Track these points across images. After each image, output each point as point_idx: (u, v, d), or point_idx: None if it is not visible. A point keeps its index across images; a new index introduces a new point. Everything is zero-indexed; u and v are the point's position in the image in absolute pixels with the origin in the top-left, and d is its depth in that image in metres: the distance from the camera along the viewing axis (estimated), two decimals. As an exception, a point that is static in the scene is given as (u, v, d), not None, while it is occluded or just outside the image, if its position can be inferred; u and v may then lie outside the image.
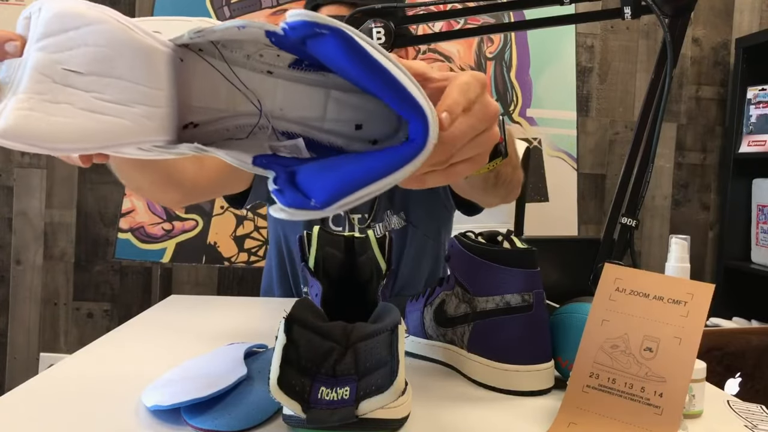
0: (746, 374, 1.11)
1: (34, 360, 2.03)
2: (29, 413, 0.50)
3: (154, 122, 0.39)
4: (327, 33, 0.35)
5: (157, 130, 0.39)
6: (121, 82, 0.38)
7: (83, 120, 0.36)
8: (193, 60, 0.43)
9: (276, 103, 0.45)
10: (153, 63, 0.39)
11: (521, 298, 0.60)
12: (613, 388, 0.52)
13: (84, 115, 0.36)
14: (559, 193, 2.14)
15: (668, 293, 0.53)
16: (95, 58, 0.37)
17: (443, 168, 0.43)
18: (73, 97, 0.36)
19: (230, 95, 0.45)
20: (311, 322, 0.46)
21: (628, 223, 0.69)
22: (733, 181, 2.14)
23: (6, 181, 2.01)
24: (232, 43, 0.42)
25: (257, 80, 0.44)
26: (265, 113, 0.45)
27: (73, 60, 0.37)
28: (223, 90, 0.44)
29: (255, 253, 2.05)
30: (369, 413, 0.42)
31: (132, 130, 0.38)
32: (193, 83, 0.43)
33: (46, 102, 0.36)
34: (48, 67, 0.36)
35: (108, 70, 0.37)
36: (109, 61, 0.37)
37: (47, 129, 0.35)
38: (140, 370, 0.62)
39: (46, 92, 0.36)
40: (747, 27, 2.20)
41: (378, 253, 0.61)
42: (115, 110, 0.37)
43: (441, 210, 1.15)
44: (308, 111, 0.45)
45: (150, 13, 2.00)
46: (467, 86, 0.42)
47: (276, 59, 0.43)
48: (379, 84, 0.36)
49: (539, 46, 2.12)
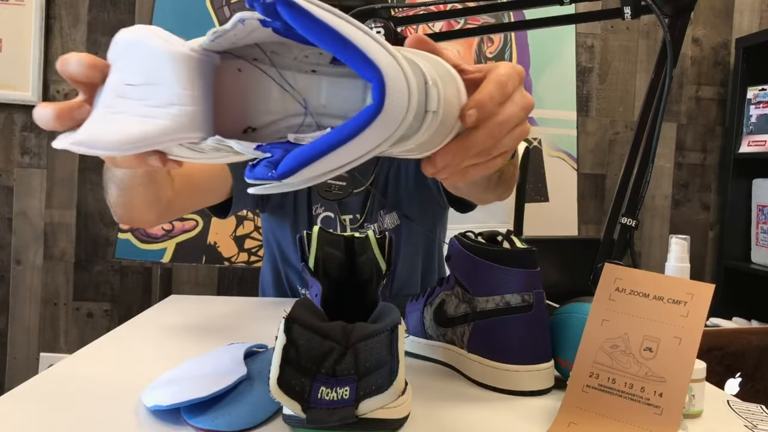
0: (746, 374, 1.11)
1: (34, 360, 2.03)
2: (29, 413, 0.50)
3: (187, 120, 0.42)
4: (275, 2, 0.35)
5: (189, 128, 0.43)
6: (160, 87, 0.42)
7: (133, 125, 0.42)
8: (249, 69, 0.46)
9: (320, 100, 0.47)
10: (182, 67, 0.42)
11: (521, 298, 0.60)
12: (613, 388, 0.52)
13: (134, 120, 0.42)
14: (559, 193, 2.14)
15: (668, 293, 0.53)
16: (142, 70, 0.43)
17: (486, 160, 0.44)
18: (128, 106, 0.42)
19: (281, 98, 0.47)
20: (311, 322, 0.46)
21: (628, 223, 0.69)
22: (733, 181, 2.14)
23: (6, 181, 2.01)
24: (282, 48, 0.45)
25: (303, 80, 0.46)
26: (310, 111, 0.47)
27: (130, 75, 0.43)
28: (274, 94, 0.47)
29: (255, 253, 2.05)
30: (369, 413, 0.42)
31: (169, 128, 0.42)
32: (251, 89, 0.47)
33: (109, 113, 0.43)
34: (117, 84, 0.43)
35: (151, 78, 0.42)
36: (152, 71, 0.42)
37: (108, 137, 0.42)
38: (140, 370, 0.62)
39: (112, 105, 0.43)
40: (747, 27, 2.20)
41: (378, 253, 0.61)
42: (157, 113, 0.42)
43: (434, 207, 1.15)
44: (349, 103, 0.46)
45: (150, 13, 2.00)
46: (506, 78, 0.42)
47: (319, 57, 0.45)
48: (333, 46, 0.35)
49: (539, 46, 2.12)
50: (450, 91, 0.40)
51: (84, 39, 2.00)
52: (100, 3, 2.00)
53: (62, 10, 1.99)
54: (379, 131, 0.35)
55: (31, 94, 1.97)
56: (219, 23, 2.02)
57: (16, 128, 2.00)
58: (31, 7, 1.95)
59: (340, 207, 1.10)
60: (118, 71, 0.44)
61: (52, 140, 1.82)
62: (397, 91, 0.35)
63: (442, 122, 0.40)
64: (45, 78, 1.99)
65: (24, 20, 1.95)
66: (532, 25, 0.83)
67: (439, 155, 0.42)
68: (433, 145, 0.43)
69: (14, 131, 2.00)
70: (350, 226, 1.10)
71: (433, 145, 0.43)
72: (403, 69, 0.35)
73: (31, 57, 1.96)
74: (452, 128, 0.42)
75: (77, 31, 2.00)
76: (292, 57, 0.45)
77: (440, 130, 0.41)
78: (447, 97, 0.39)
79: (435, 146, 0.43)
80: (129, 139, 0.41)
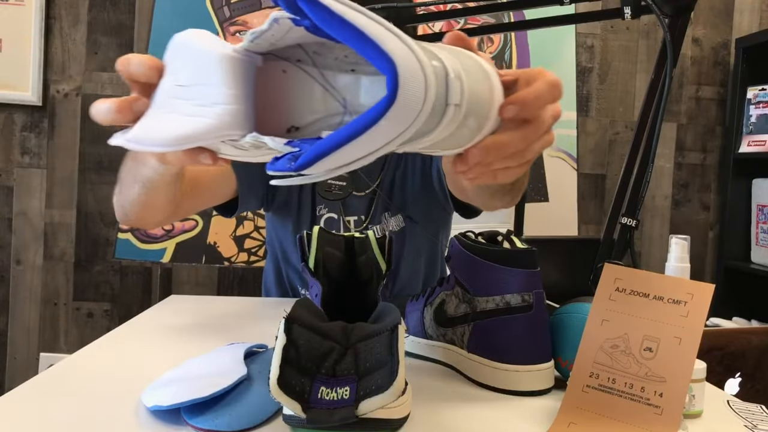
0: (746, 374, 1.11)
1: (34, 360, 2.03)
2: (29, 413, 0.50)
3: (230, 118, 0.44)
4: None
5: (231, 125, 0.44)
6: (207, 87, 0.44)
7: (181, 123, 0.44)
8: (294, 70, 0.48)
9: (359, 98, 0.47)
10: (226, 67, 0.44)
11: (521, 298, 0.60)
12: (613, 388, 0.52)
13: (183, 118, 0.44)
14: (559, 193, 2.14)
15: (668, 293, 0.52)
16: (192, 71, 0.45)
17: (517, 164, 0.44)
18: (179, 106, 0.45)
19: (323, 98, 0.48)
20: (311, 322, 0.46)
21: (628, 223, 0.69)
22: (733, 181, 2.14)
23: (6, 181, 2.01)
24: (323, 48, 0.46)
25: (343, 79, 0.47)
26: (348, 109, 0.48)
27: (182, 76, 0.45)
28: (317, 94, 0.48)
29: (255, 253, 2.05)
30: (369, 413, 0.42)
31: (213, 126, 0.43)
32: (293, 90, 0.48)
33: (162, 112, 0.45)
34: (169, 85, 0.46)
35: (199, 79, 0.44)
36: (199, 72, 0.44)
37: (158, 135, 0.44)
38: (140, 370, 0.62)
39: (165, 105, 0.45)
40: (747, 27, 2.20)
41: (378, 253, 0.61)
42: (203, 111, 0.44)
43: (440, 212, 1.15)
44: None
45: (150, 12, 2.00)
46: (554, 83, 0.43)
47: (358, 56, 0.46)
48: (346, 35, 0.35)
49: (539, 46, 2.12)
50: (481, 87, 0.40)
51: (84, 39, 2.00)
52: (100, 3, 2.00)
53: (62, 10, 1.99)
54: (395, 123, 0.35)
55: (31, 94, 1.97)
56: (218, 23, 2.02)
57: (16, 128, 2.00)
58: (31, 7, 1.95)
59: (344, 208, 1.10)
60: (171, 73, 0.46)
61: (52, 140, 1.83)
62: (413, 82, 0.34)
63: (468, 117, 0.39)
64: (45, 78, 1.99)
65: (24, 20, 1.95)
66: (532, 25, 0.83)
67: (473, 152, 0.42)
68: (463, 141, 0.42)
69: (14, 131, 2.00)
70: (355, 228, 1.10)
71: (463, 141, 0.42)
72: (420, 60, 0.35)
73: (31, 57, 1.96)
74: (483, 125, 0.41)
75: (77, 31, 2.00)
76: (333, 57, 0.46)
77: (467, 125, 0.40)
78: (475, 92, 0.39)
79: (464, 144, 0.42)
80: (177, 136, 0.43)
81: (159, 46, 1.99)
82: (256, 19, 2.03)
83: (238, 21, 2.02)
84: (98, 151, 2.01)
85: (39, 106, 1.98)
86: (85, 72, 2.00)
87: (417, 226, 1.11)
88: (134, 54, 0.47)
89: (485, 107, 0.40)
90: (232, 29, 2.02)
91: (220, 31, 2.02)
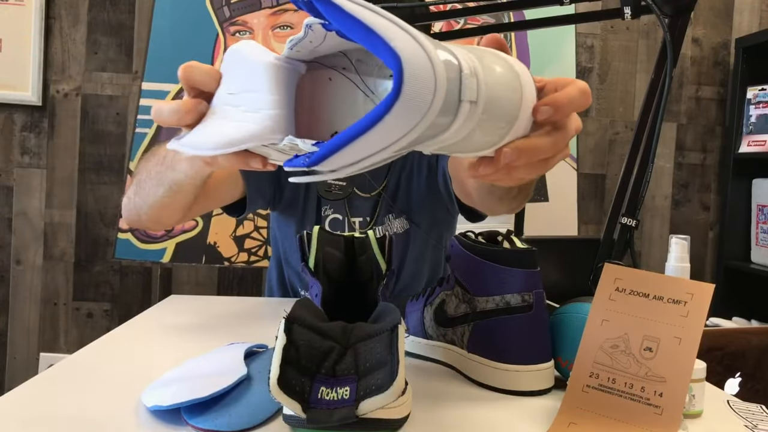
0: (746, 374, 1.11)
1: (34, 360, 2.03)
2: (29, 413, 0.50)
3: (271, 122, 0.46)
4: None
5: (273, 129, 0.46)
6: (253, 93, 0.46)
7: (229, 128, 0.47)
8: (338, 78, 0.49)
9: None
10: (270, 75, 0.46)
11: (521, 298, 0.59)
12: (613, 388, 0.52)
13: (232, 124, 0.47)
14: (559, 193, 2.14)
15: (668, 293, 0.52)
16: (240, 79, 0.47)
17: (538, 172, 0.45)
18: (229, 112, 0.47)
19: (365, 104, 0.49)
20: (311, 322, 0.46)
21: (628, 223, 0.69)
22: (733, 181, 2.14)
23: (6, 181, 2.01)
24: (366, 56, 0.47)
25: (383, 85, 0.48)
26: None
27: (232, 85, 0.48)
28: (359, 100, 0.49)
29: (255, 253, 2.05)
30: (369, 413, 0.42)
31: (256, 130, 0.45)
32: (338, 97, 0.50)
33: (214, 119, 0.48)
34: (222, 93, 0.49)
35: (246, 86, 0.47)
36: (246, 80, 0.47)
37: (208, 139, 0.47)
38: (140, 370, 0.62)
39: (218, 112, 0.49)
40: (747, 27, 2.20)
41: (378, 253, 0.61)
42: (249, 117, 0.46)
43: (444, 214, 1.15)
44: None
45: (150, 12, 2.00)
46: (588, 91, 0.43)
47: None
48: (356, 32, 0.35)
49: (539, 46, 2.12)
50: (506, 86, 0.38)
51: (84, 39, 2.00)
52: (100, 3, 2.00)
53: (62, 10, 1.99)
54: (403, 118, 0.34)
55: (31, 94, 1.97)
56: (218, 23, 2.02)
57: (16, 128, 2.00)
58: (31, 7, 1.95)
59: (350, 209, 1.10)
60: (224, 83, 0.49)
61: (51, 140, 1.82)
62: (420, 77, 0.34)
63: (489, 116, 0.38)
64: (45, 78, 1.99)
65: (24, 20, 1.95)
66: (532, 25, 0.83)
67: (505, 152, 0.41)
68: (487, 142, 0.41)
69: (14, 131, 2.00)
70: (359, 229, 1.10)
71: (487, 142, 0.41)
72: (429, 55, 0.34)
73: (31, 57, 1.96)
74: (511, 125, 0.40)
75: (77, 31, 2.00)
76: (375, 64, 0.47)
77: (490, 125, 0.39)
78: (497, 91, 0.38)
79: (489, 145, 0.41)
80: (224, 141, 0.46)
81: (159, 46, 1.99)
82: (256, 19, 2.03)
83: (238, 21, 2.02)
84: (98, 151, 2.01)
85: (39, 106, 1.98)
86: (85, 72, 2.00)
87: (420, 229, 1.11)
88: (197, 63, 0.50)
89: (512, 107, 0.39)
90: (232, 29, 2.02)
91: (219, 31, 2.02)
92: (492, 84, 0.37)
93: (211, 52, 2.00)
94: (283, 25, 2.03)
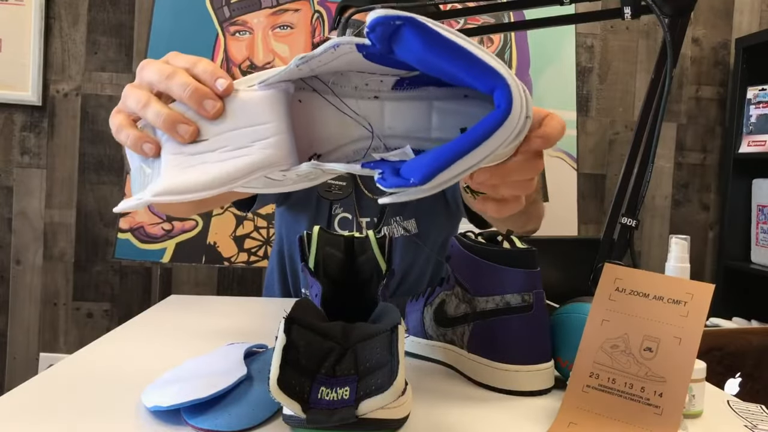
0: (746, 374, 1.11)
1: (33, 360, 2.03)
2: (29, 413, 0.50)
3: (272, 150, 0.46)
4: (401, 23, 0.38)
5: (276, 156, 0.46)
6: (236, 131, 0.45)
7: (218, 169, 0.45)
8: (310, 98, 0.50)
9: (384, 123, 0.51)
10: (254, 106, 0.46)
11: (521, 298, 0.60)
12: (613, 388, 0.52)
13: (218, 165, 0.45)
14: (559, 193, 2.14)
15: (668, 293, 0.52)
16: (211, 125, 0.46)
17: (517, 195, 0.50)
18: (204, 157, 0.45)
19: (344, 124, 0.51)
20: (311, 322, 0.46)
21: (628, 223, 0.69)
22: (733, 181, 2.13)
23: (6, 181, 2.01)
24: (341, 78, 0.49)
25: (366, 106, 0.50)
26: (376, 134, 0.51)
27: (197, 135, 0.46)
28: (338, 121, 0.51)
29: (255, 253, 2.05)
30: (369, 413, 0.42)
31: (257, 162, 0.45)
32: (314, 118, 0.50)
33: (184, 168, 0.45)
34: (177, 146, 0.45)
35: (223, 128, 0.45)
36: (221, 122, 0.45)
37: (192, 182, 0.44)
38: (140, 370, 0.62)
39: (183, 163, 0.45)
40: (747, 27, 2.20)
41: (378, 253, 0.61)
42: (240, 153, 0.45)
43: (451, 219, 1.16)
44: (415, 124, 0.51)
45: (150, 12, 2.00)
46: (565, 127, 0.48)
47: (380, 84, 0.49)
48: (457, 62, 0.38)
49: (539, 46, 2.12)
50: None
51: (84, 39, 2.00)
52: (100, 3, 2.00)
53: (62, 10, 1.99)
54: (502, 134, 0.38)
55: (31, 94, 1.97)
56: (218, 23, 2.02)
57: (15, 128, 2.00)
58: (31, 7, 1.95)
59: (359, 209, 1.11)
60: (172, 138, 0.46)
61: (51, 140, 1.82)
62: (517, 97, 0.38)
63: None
64: (45, 78, 1.99)
65: (24, 20, 1.95)
66: (532, 25, 0.83)
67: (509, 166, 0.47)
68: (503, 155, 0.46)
69: (14, 131, 2.00)
70: (367, 229, 1.11)
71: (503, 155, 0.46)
72: (514, 78, 0.39)
73: (30, 57, 1.96)
74: (518, 142, 0.44)
75: (77, 31, 2.00)
76: (352, 86, 0.49)
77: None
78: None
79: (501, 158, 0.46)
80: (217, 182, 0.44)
81: (159, 46, 1.99)
82: (256, 19, 2.03)
83: (237, 21, 2.02)
84: (98, 151, 2.01)
85: (39, 106, 1.98)
86: (84, 72, 2.00)
87: (428, 232, 1.12)
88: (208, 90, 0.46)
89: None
90: (232, 29, 2.02)
91: (219, 31, 2.02)
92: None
93: (210, 52, 2.00)
94: (283, 25, 2.03)
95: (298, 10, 2.04)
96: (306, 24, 2.04)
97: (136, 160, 0.48)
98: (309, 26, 2.04)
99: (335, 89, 0.49)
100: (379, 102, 0.50)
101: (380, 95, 0.50)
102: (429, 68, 0.41)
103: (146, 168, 0.48)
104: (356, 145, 0.51)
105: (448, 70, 0.39)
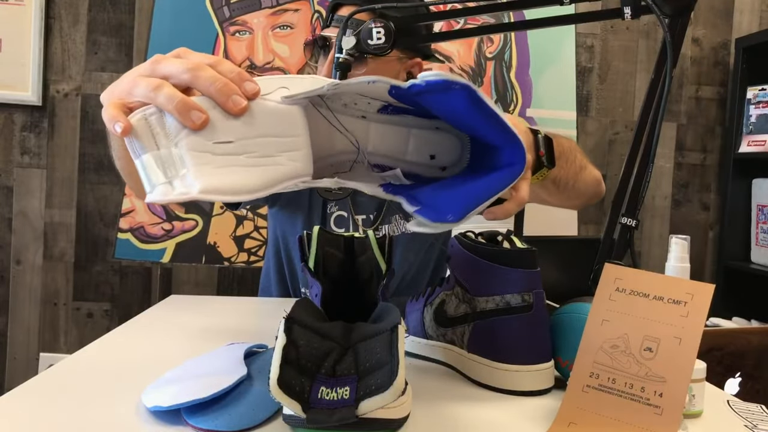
0: (746, 374, 1.11)
1: (34, 360, 2.03)
2: (29, 413, 0.50)
3: (300, 162, 0.48)
4: (458, 89, 0.44)
5: (304, 169, 0.49)
6: (263, 139, 0.47)
7: (259, 174, 0.47)
8: (306, 110, 0.52)
9: (369, 141, 0.55)
10: (283, 118, 0.48)
11: (521, 298, 0.59)
12: (613, 388, 0.52)
13: (252, 170, 0.46)
14: (559, 193, 2.13)
15: (668, 293, 0.52)
16: (238, 128, 0.47)
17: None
18: (231, 159, 0.46)
19: (332, 137, 0.54)
20: (311, 322, 0.46)
21: (628, 223, 0.69)
22: (733, 181, 2.13)
23: (6, 181, 2.01)
24: (334, 95, 0.51)
25: (354, 123, 0.54)
26: (361, 150, 0.55)
27: (222, 135, 0.46)
28: (327, 133, 0.54)
29: (255, 253, 2.05)
30: (369, 413, 0.42)
31: (288, 173, 0.47)
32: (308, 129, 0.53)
33: (218, 167, 0.46)
34: (200, 143, 0.46)
35: (249, 133, 0.47)
36: (247, 127, 0.47)
37: (239, 185, 0.46)
38: (140, 370, 0.62)
39: (213, 161, 0.46)
40: (747, 27, 2.20)
41: (378, 253, 0.61)
42: (268, 161, 0.47)
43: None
44: (394, 146, 0.55)
45: (150, 12, 2.00)
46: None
47: (367, 106, 0.53)
48: (492, 126, 0.47)
49: (539, 46, 2.12)
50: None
51: (84, 39, 2.00)
52: (100, 3, 2.00)
53: (62, 10, 1.99)
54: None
55: (31, 94, 1.97)
56: (218, 23, 2.02)
57: (15, 128, 2.00)
58: (31, 7, 1.95)
59: (354, 207, 1.10)
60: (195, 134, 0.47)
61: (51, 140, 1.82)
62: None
63: None
64: (45, 78, 1.99)
65: (24, 20, 1.95)
66: (532, 25, 0.83)
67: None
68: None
69: (14, 131, 2.00)
70: (363, 228, 1.11)
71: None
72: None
73: (30, 57, 1.96)
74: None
75: (77, 31, 2.00)
76: (342, 103, 0.52)
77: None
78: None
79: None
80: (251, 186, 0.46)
81: (159, 46, 1.99)
82: (256, 19, 2.03)
83: (237, 21, 2.02)
84: (98, 151, 2.01)
85: (39, 106, 1.98)
86: (84, 72, 2.00)
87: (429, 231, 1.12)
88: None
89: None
90: (232, 29, 2.02)
91: (219, 31, 2.02)
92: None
93: (210, 52, 2.00)
94: (282, 25, 2.03)
95: (298, 10, 2.04)
96: (306, 24, 2.04)
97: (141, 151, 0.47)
98: (309, 26, 2.04)
99: (328, 103, 0.52)
100: (366, 122, 0.53)
101: (367, 116, 0.53)
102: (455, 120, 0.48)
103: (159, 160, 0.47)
104: (341, 157, 0.55)
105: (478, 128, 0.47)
